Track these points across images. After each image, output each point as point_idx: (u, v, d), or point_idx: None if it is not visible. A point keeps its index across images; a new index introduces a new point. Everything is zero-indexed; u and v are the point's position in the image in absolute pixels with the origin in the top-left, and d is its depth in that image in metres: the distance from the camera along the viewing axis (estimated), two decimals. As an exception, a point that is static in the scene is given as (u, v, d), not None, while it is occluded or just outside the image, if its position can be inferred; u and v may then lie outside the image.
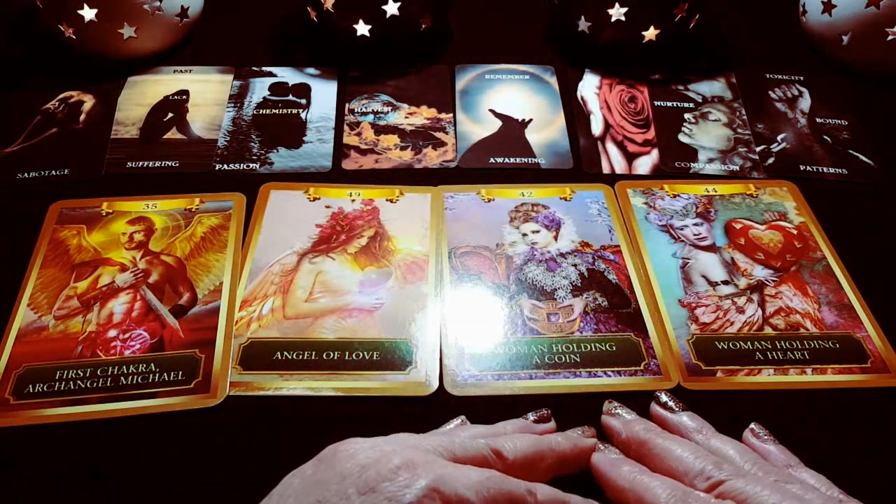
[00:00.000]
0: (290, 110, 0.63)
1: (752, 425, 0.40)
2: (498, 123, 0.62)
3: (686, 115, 0.63)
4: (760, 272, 0.50)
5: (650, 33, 0.64)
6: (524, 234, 0.52)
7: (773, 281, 0.49)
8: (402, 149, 0.60)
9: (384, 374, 0.44)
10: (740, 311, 0.47)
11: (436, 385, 0.43)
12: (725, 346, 0.45)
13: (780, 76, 0.68)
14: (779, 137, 0.62)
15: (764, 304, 0.48)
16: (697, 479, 0.34)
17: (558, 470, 0.36)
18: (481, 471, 0.32)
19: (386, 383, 0.43)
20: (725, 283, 0.49)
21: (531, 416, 0.40)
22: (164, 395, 0.42)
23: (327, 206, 0.54)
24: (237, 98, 0.64)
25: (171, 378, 0.43)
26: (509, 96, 0.65)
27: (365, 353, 0.45)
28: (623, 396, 0.43)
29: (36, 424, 0.40)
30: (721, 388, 0.43)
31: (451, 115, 0.63)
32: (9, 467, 0.39)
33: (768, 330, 0.46)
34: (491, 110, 0.64)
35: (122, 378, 0.43)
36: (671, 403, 0.40)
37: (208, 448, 0.40)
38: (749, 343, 0.45)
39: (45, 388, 0.42)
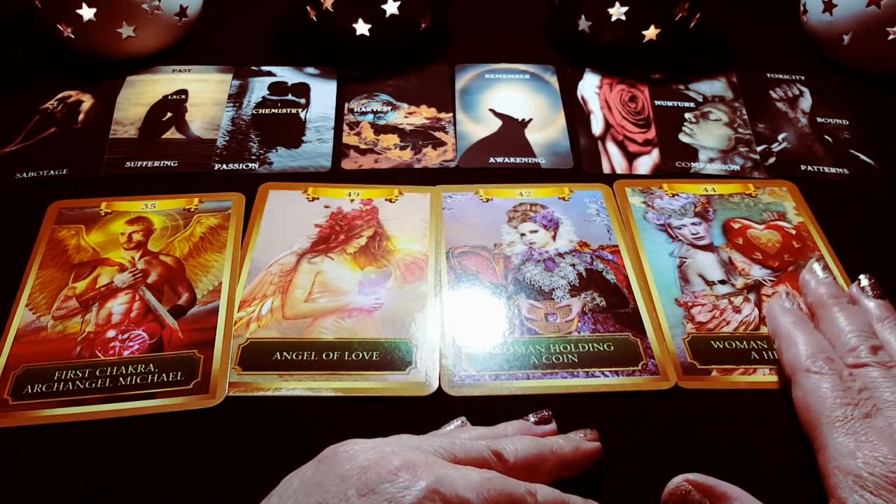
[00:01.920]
0: (289, 110, 0.63)
1: (862, 278, 0.42)
2: (498, 123, 0.62)
3: (686, 115, 0.63)
4: (758, 272, 0.50)
5: (651, 33, 0.64)
6: (522, 234, 0.52)
7: (771, 281, 0.49)
8: (402, 148, 0.59)
9: (384, 374, 0.44)
10: (737, 310, 0.47)
11: (436, 385, 0.43)
12: (721, 346, 0.45)
13: (780, 76, 0.67)
14: (780, 137, 0.61)
15: (760, 304, 0.47)
16: (848, 354, 0.37)
17: (559, 473, 0.36)
18: (481, 472, 0.32)
19: (386, 383, 0.43)
20: (722, 282, 0.49)
21: (532, 418, 0.40)
22: (163, 395, 0.42)
23: (326, 206, 0.54)
24: (236, 98, 0.64)
25: (170, 378, 0.43)
26: (509, 96, 0.65)
27: (364, 353, 0.45)
28: (621, 397, 0.43)
29: (34, 425, 0.41)
30: (716, 388, 0.43)
31: (450, 114, 0.63)
32: (7, 468, 0.39)
33: (764, 330, 0.46)
34: (491, 110, 0.63)
35: (121, 379, 0.43)
36: (869, 289, 0.42)
37: (207, 449, 0.40)
38: (745, 342, 0.45)
39: (43, 389, 0.42)
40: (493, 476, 0.32)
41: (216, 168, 0.57)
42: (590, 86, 0.66)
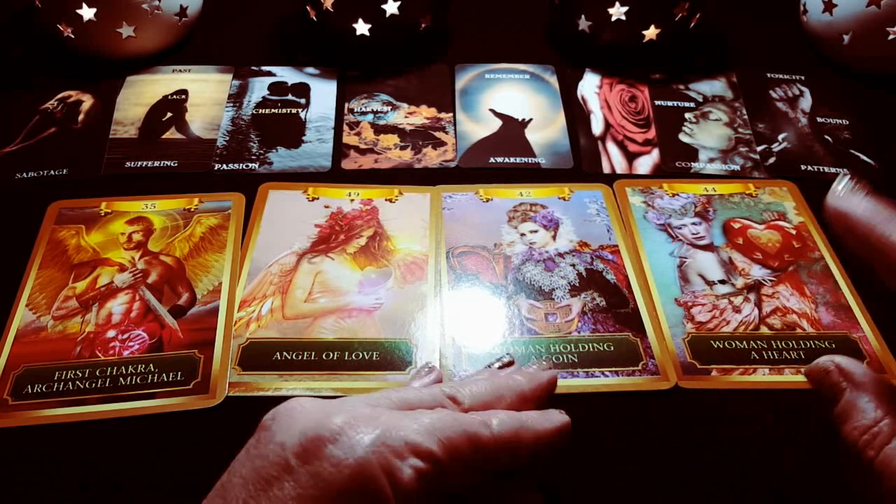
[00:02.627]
0: (289, 110, 0.63)
1: None
2: (498, 123, 0.62)
3: (687, 115, 0.63)
4: (758, 272, 0.50)
5: (651, 32, 0.64)
6: (522, 234, 0.52)
7: (771, 281, 0.49)
8: (402, 148, 0.59)
9: (384, 374, 0.44)
10: (737, 310, 0.47)
11: (434, 385, 0.43)
12: (721, 346, 0.45)
13: (780, 76, 0.67)
14: (780, 137, 0.61)
15: (760, 303, 0.47)
16: None
17: (519, 407, 0.34)
18: (432, 412, 0.31)
19: (386, 383, 0.43)
20: (722, 282, 0.49)
21: (496, 365, 0.39)
22: (163, 395, 0.42)
23: (326, 206, 0.54)
24: (236, 98, 0.64)
25: (170, 379, 0.43)
26: (509, 96, 0.65)
27: (364, 353, 0.45)
28: (621, 396, 0.43)
29: (34, 425, 0.41)
30: (716, 387, 0.43)
31: (450, 114, 0.63)
32: (7, 468, 0.39)
33: (764, 329, 0.46)
34: (491, 110, 0.63)
35: (121, 379, 0.43)
36: None
37: (207, 449, 0.40)
38: (744, 342, 0.45)
39: (43, 389, 0.42)
40: (445, 414, 0.30)
41: (216, 168, 0.57)
42: (590, 86, 0.66)
